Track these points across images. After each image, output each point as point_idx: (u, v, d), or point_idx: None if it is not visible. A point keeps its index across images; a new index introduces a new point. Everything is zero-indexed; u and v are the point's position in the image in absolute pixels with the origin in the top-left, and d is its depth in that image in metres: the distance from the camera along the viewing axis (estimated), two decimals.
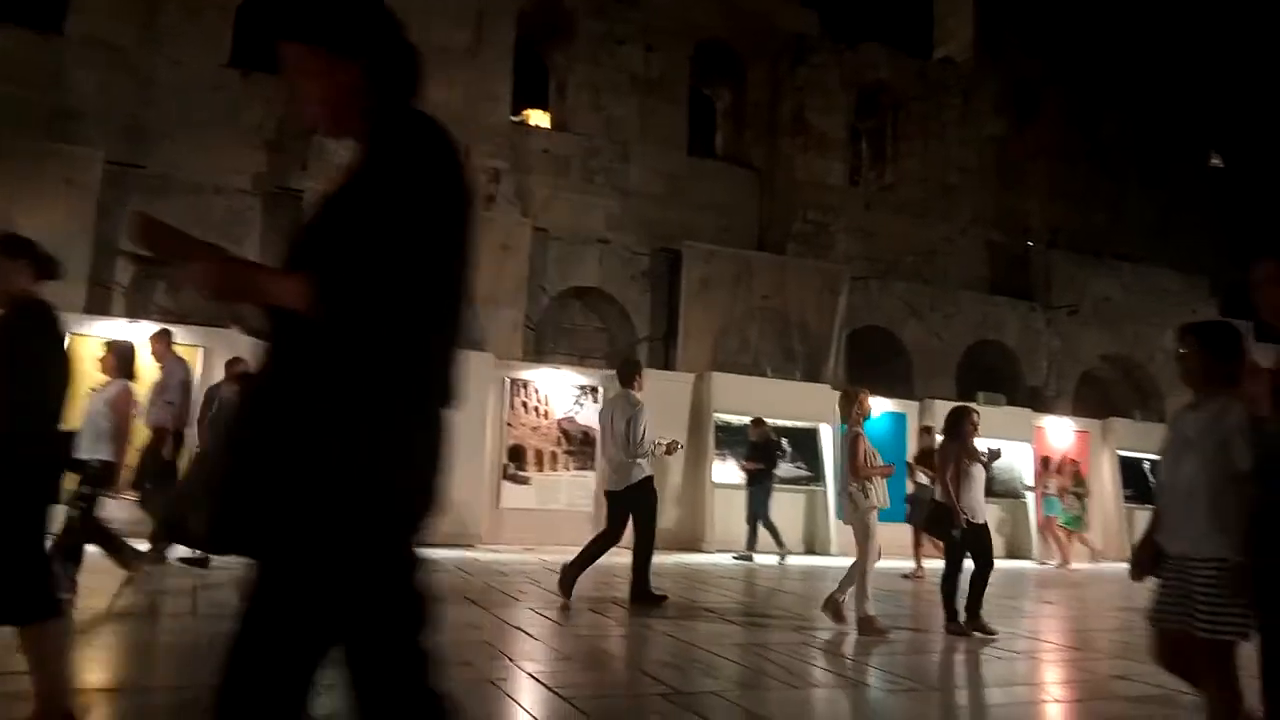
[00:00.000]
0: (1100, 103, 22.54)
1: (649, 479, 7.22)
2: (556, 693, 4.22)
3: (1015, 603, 9.04)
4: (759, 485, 11.76)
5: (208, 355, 10.66)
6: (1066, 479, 14.34)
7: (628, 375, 7.67)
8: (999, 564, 11.90)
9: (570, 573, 7.05)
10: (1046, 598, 9.67)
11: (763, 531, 11.80)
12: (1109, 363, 20.10)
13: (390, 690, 1.72)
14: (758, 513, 11.69)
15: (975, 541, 6.76)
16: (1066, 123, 22.22)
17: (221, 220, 14.01)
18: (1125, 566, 3.61)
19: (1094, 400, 19.56)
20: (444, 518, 7.37)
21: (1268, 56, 32.39)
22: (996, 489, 14.40)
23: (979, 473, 6.90)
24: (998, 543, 14.65)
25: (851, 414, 6.74)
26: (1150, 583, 3.26)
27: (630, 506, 7.19)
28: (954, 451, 6.85)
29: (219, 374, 10.42)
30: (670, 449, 7.63)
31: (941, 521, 6.92)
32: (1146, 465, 15.90)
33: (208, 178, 14.18)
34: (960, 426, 6.95)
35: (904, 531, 11.10)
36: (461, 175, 1.81)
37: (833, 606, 6.50)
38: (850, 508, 6.59)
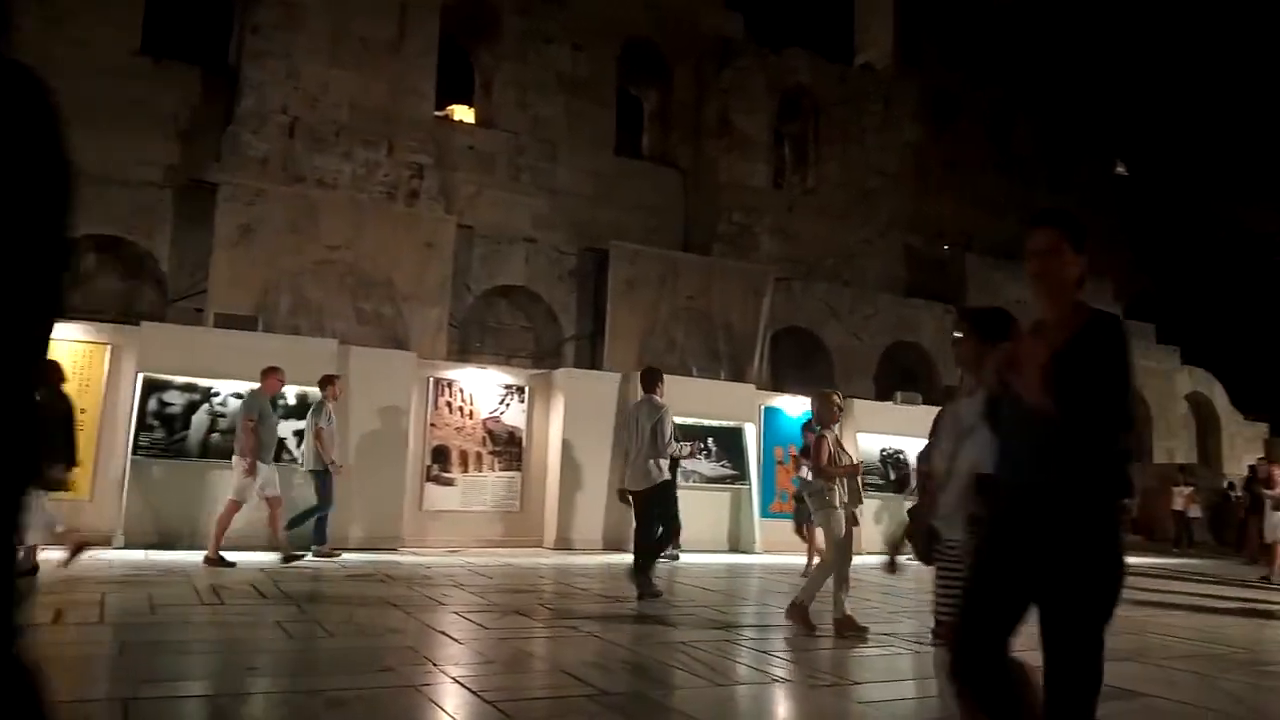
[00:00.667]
0: (1012, 113, 23.32)
1: (669, 481, 7.84)
2: (481, 696, 4.17)
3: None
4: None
5: (115, 353, 10.26)
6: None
7: (650, 382, 8.21)
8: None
9: (642, 568, 7.68)
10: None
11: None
12: None
13: None
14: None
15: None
16: (980, 131, 22.91)
17: (129, 214, 13.50)
18: None
19: None
20: (362, 521, 7.24)
21: (1170, 71, 33.85)
22: (916, 486, 14.77)
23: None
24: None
25: (832, 414, 6.68)
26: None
27: (650, 502, 7.71)
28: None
29: (128, 370, 10.07)
30: (693, 452, 9.32)
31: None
32: None
33: (115, 169, 13.64)
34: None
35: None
36: None
37: (798, 613, 6.33)
38: (814, 507, 6.56)
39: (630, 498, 7.83)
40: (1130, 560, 2.65)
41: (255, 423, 8.88)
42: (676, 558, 11.43)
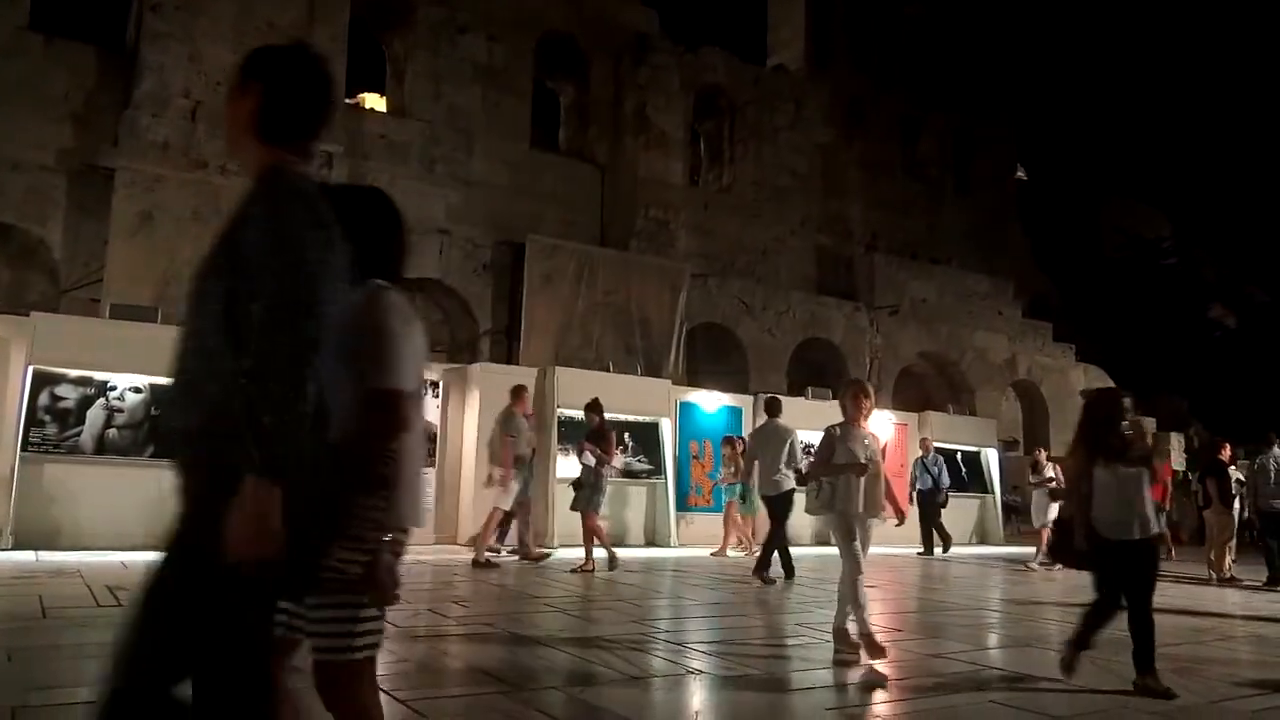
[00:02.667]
0: (919, 118, 23.98)
1: (791, 490, 9.48)
2: (394, 696, 4.10)
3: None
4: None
5: (3, 344, 9.75)
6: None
7: (774, 409, 10.24)
8: (832, 550, 12.44)
9: (763, 560, 9.37)
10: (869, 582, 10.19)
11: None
12: (925, 359, 21.42)
13: None
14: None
15: None
16: (888, 135, 23.51)
17: (20, 199, 12.82)
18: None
19: (912, 394, 20.82)
20: None
21: (1068, 81, 35.29)
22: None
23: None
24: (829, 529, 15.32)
25: (858, 409, 5.82)
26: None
27: (777, 506, 9.52)
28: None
29: (17, 363, 9.57)
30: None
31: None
32: (959, 456, 17.05)
33: (4, 153, 12.95)
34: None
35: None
36: None
37: (842, 637, 5.57)
38: (811, 509, 5.92)
39: (765, 501, 9.73)
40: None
41: (515, 438, 9.80)
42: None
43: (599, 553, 9.51)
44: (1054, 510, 12.21)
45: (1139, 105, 37.62)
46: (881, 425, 16.14)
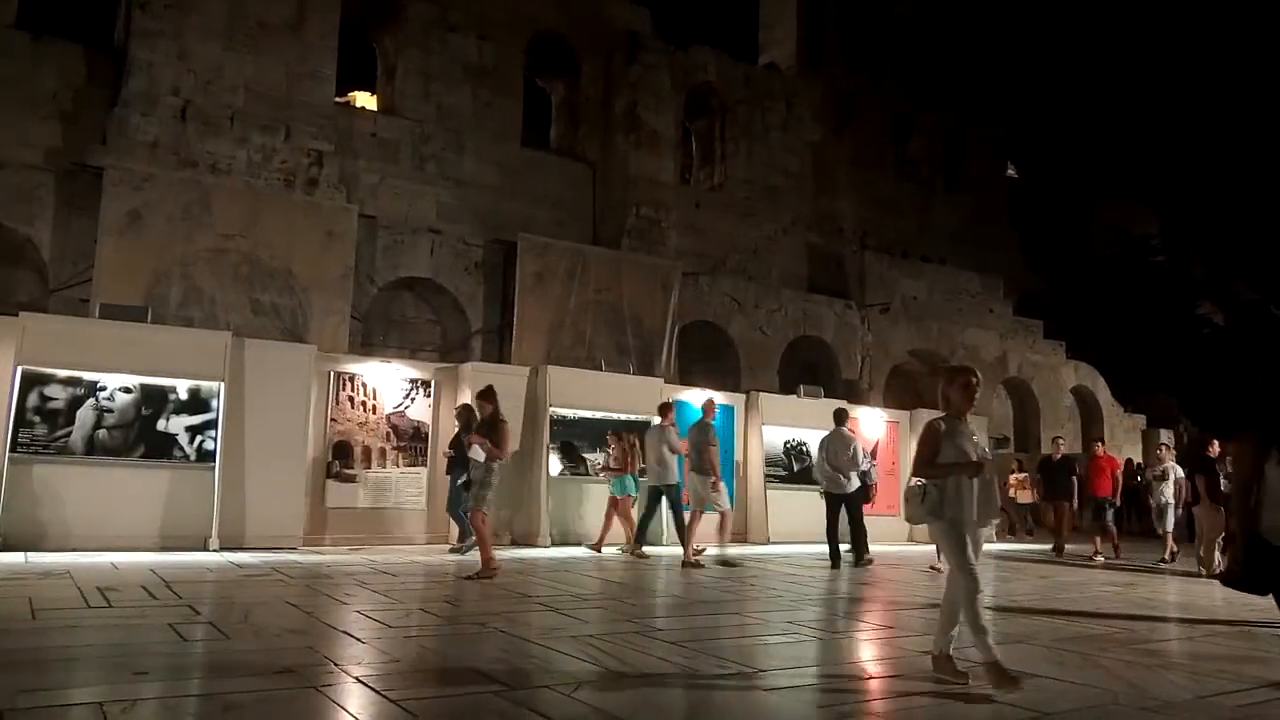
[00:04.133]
0: (910, 116, 24.04)
1: (860, 488, 11.29)
2: (385, 696, 4.10)
3: (834, 585, 9.51)
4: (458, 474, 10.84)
5: None
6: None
7: (842, 418, 11.52)
8: (824, 547, 12.49)
9: (860, 552, 11.02)
10: (860, 580, 10.22)
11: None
12: (916, 357, 21.48)
13: None
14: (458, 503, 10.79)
15: None
16: (879, 133, 23.56)
17: (9, 199, 12.75)
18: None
19: (903, 392, 20.87)
20: (259, 519, 7.05)
21: (1058, 79, 35.42)
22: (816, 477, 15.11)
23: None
24: (822, 527, 15.31)
25: (965, 398, 5.10)
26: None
27: (848, 502, 11.14)
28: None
29: (5, 363, 9.52)
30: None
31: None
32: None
33: None
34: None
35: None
36: None
37: (945, 665, 4.89)
38: (910, 516, 5.09)
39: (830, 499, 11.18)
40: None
41: (716, 446, 10.83)
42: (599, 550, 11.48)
43: (473, 555, 8.69)
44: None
45: (1128, 104, 37.79)
46: (873, 423, 16.19)
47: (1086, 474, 14.23)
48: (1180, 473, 13.34)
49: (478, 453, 8.62)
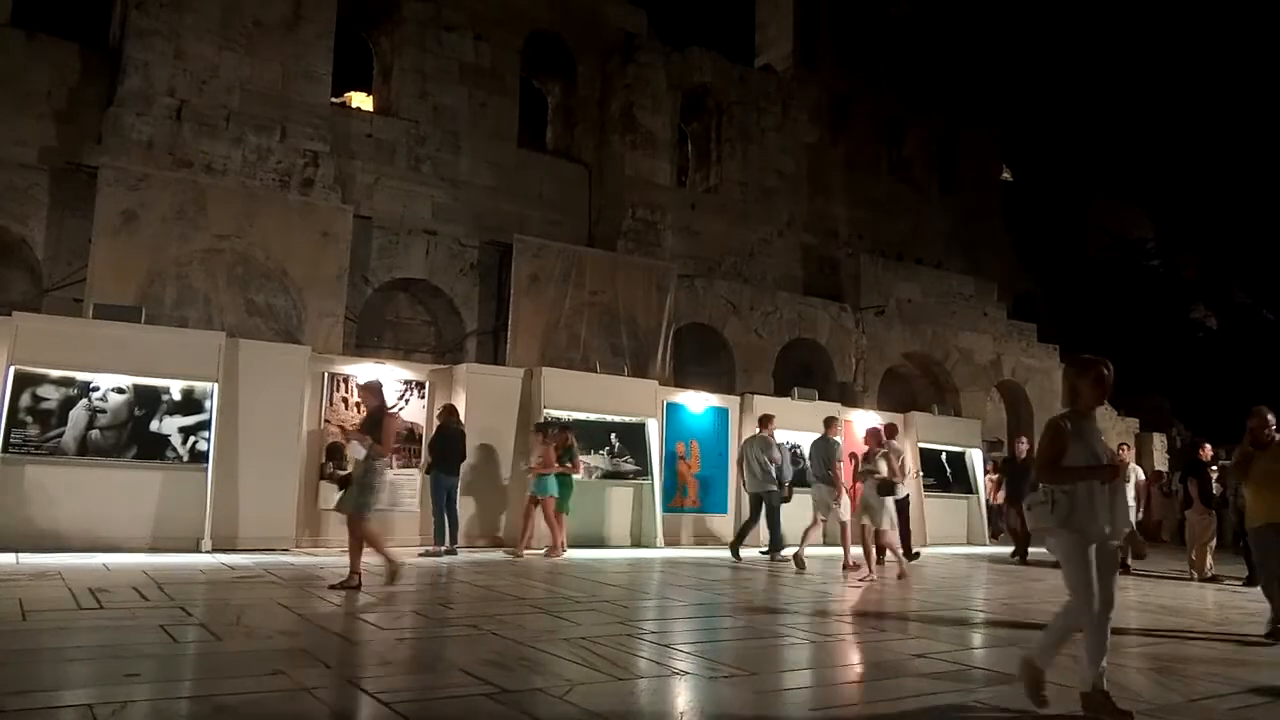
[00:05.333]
0: (905, 118, 24.08)
1: (907, 496, 12.36)
2: (377, 698, 4.10)
3: (826, 587, 9.52)
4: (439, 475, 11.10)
5: None
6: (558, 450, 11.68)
7: (893, 432, 12.55)
8: (819, 550, 12.47)
9: (908, 551, 11.84)
10: (852, 582, 10.23)
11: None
12: (910, 360, 21.50)
13: None
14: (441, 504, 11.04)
15: None
16: (874, 135, 23.59)
17: (3, 197, 12.71)
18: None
19: (897, 395, 20.89)
20: (252, 520, 7.04)
21: (1052, 81, 35.50)
22: (811, 479, 15.12)
23: None
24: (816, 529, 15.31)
25: (1096, 392, 4.48)
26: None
27: (766, 500, 12.00)
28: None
29: None
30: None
31: None
32: (944, 456, 17.13)
33: None
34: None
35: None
36: None
37: (1037, 680, 4.37)
38: (1034, 523, 4.58)
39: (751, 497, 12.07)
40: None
41: (840, 461, 11.52)
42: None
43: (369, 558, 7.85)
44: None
45: (1123, 106, 37.88)
46: (868, 425, 16.20)
47: None
48: (1141, 474, 12.93)
49: (357, 449, 8.01)
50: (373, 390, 8.31)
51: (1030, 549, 13.28)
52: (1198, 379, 25.75)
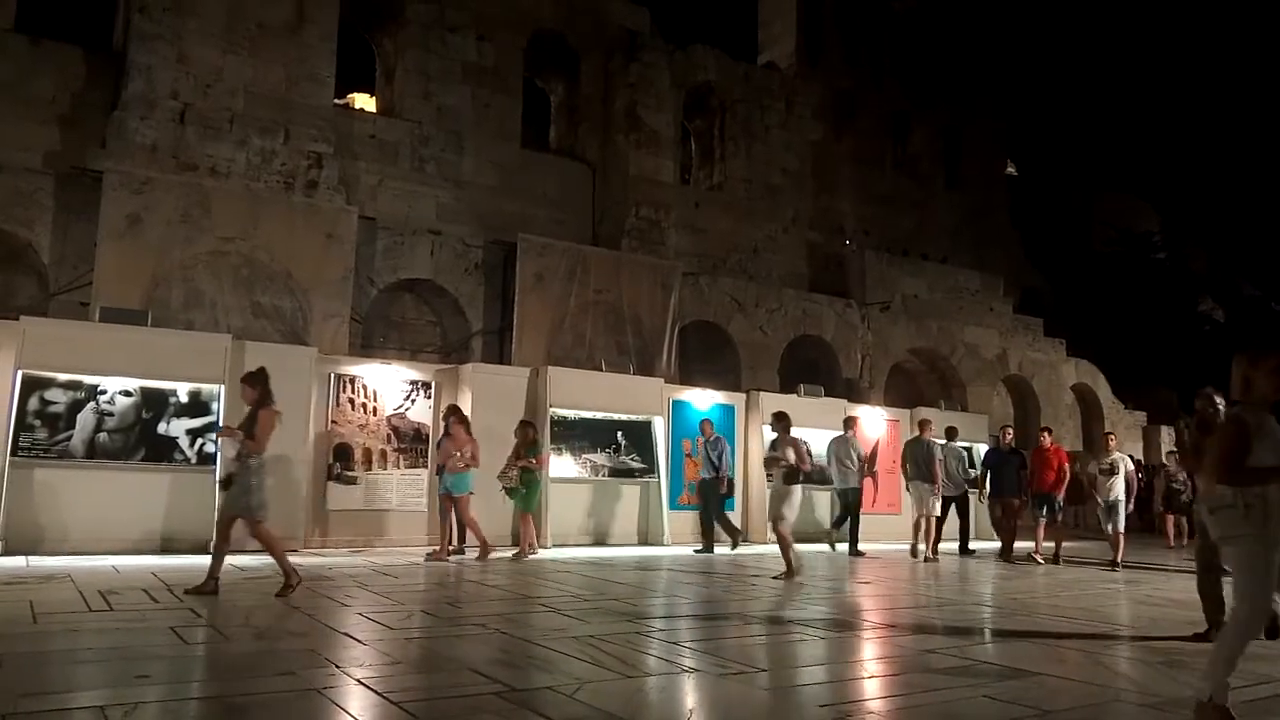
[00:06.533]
0: (909, 113, 24.02)
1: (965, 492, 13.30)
2: (387, 698, 4.10)
3: (835, 584, 9.50)
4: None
5: None
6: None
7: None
8: (826, 547, 12.46)
9: (1007, 550, 12.44)
10: (863, 578, 10.22)
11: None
12: (916, 355, 21.46)
13: None
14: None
15: None
16: (878, 130, 23.54)
17: (7, 202, 12.74)
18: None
19: (904, 390, 20.85)
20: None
21: (1056, 75, 35.38)
22: (817, 476, 15.10)
23: None
24: (824, 526, 15.29)
25: (1270, 386, 4.08)
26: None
27: (959, 504, 13.22)
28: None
29: (6, 367, 9.53)
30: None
31: None
32: (938, 450, 17.04)
33: None
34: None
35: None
36: None
37: (1215, 714, 3.88)
38: (1216, 531, 4.21)
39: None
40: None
41: (940, 460, 12.41)
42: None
43: (222, 563, 7.31)
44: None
45: (1128, 100, 37.76)
46: (874, 422, 16.19)
47: (1031, 467, 12.65)
48: (1130, 464, 12.00)
49: (228, 446, 7.37)
50: (251, 380, 7.51)
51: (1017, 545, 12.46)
52: (1206, 372, 25.63)
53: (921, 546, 12.27)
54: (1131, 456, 12.69)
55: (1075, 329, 24.45)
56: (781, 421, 9.87)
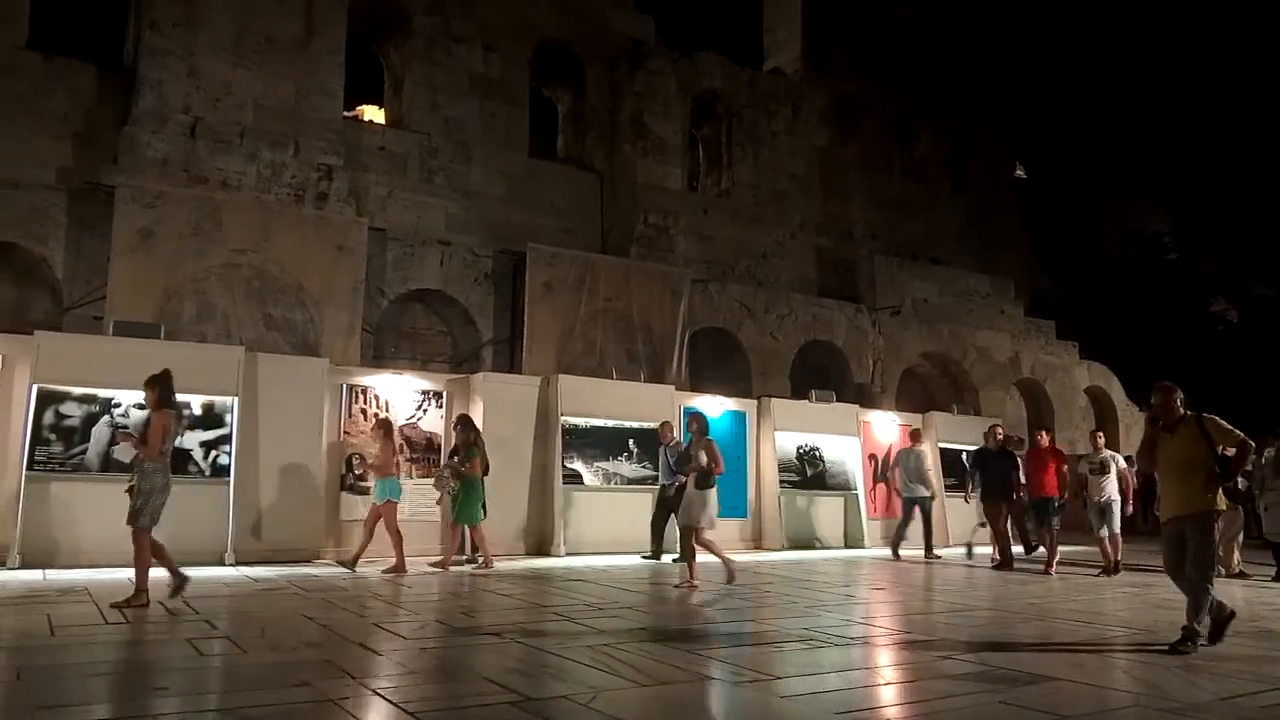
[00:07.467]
0: (916, 117, 24.01)
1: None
2: (403, 708, 4.11)
3: (849, 590, 9.48)
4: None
5: (7, 363, 9.79)
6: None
7: (990, 439, 12.75)
8: (836, 554, 12.43)
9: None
10: (878, 584, 10.19)
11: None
12: (928, 360, 21.40)
13: None
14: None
15: None
16: (885, 135, 23.53)
17: (21, 218, 12.85)
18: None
19: (915, 395, 20.80)
20: (274, 532, 7.07)
21: (1064, 77, 35.30)
22: (831, 482, 15.08)
23: None
24: (836, 532, 15.27)
25: None
26: None
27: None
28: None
29: (21, 382, 9.60)
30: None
31: None
32: (964, 455, 16.99)
33: (2, 170, 12.98)
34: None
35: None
36: None
37: None
38: None
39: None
40: None
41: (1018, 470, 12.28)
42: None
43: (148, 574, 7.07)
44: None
45: (1135, 101, 37.64)
46: (885, 427, 16.15)
47: (1027, 469, 12.05)
48: (1123, 463, 11.29)
49: (124, 451, 7.14)
50: (151, 383, 7.17)
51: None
52: (1219, 373, 25.50)
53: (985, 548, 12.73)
54: (1127, 456, 12.27)
55: (1087, 331, 24.35)
56: (698, 423, 9.47)
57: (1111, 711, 4.35)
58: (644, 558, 11.83)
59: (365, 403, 11.70)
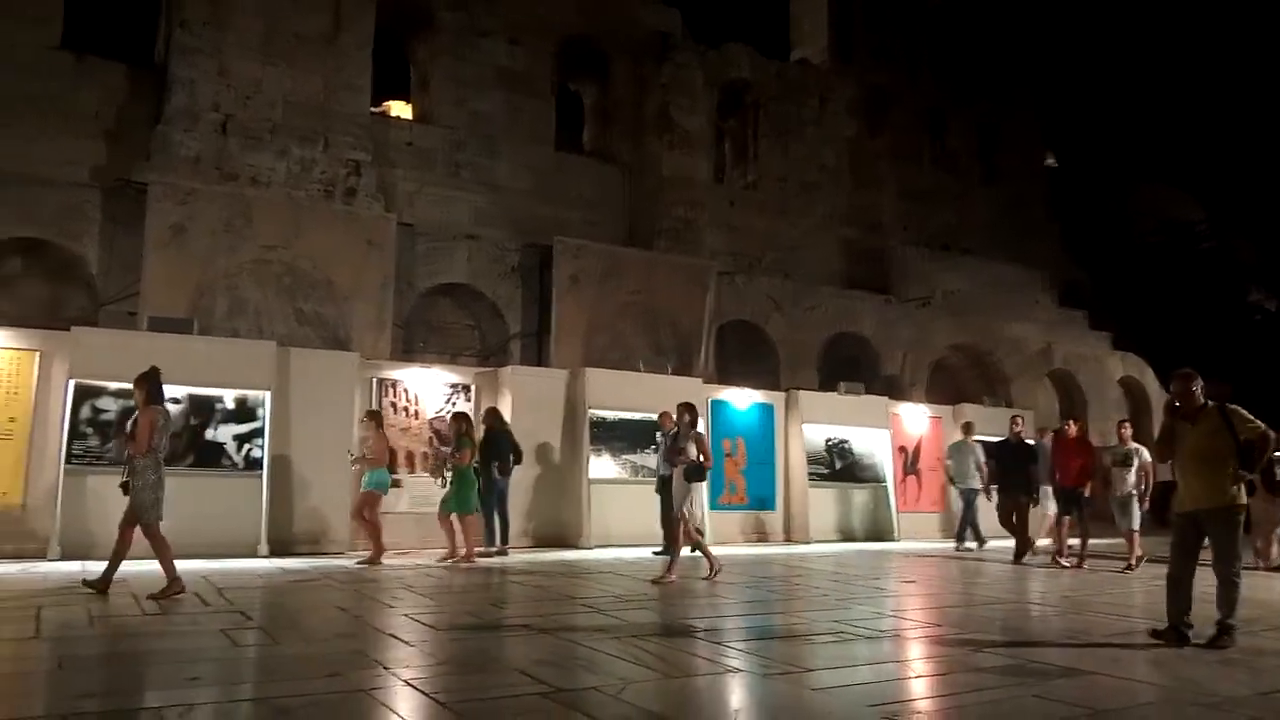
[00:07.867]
0: (945, 107, 23.75)
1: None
2: (434, 698, 4.14)
3: (879, 583, 9.42)
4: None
5: (45, 359, 9.95)
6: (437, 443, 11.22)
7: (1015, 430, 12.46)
8: (868, 546, 12.37)
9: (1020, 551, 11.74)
10: (908, 577, 10.12)
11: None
12: (958, 351, 21.20)
13: None
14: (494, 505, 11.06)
15: None
16: (914, 125, 23.29)
17: (56, 215, 13.05)
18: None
19: (945, 387, 20.60)
20: (306, 524, 7.15)
21: (1097, 65, 34.78)
22: (860, 474, 15.00)
23: None
24: (865, 525, 15.21)
25: None
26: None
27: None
28: None
29: (59, 377, 9.76)
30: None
31: None
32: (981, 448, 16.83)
33: (38, 169, 13.17)
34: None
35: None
36: None
37: None
38: None
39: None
40: None
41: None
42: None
43: (109, 569, 7.14)
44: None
45: (1166, 88, 37.00)
46: (916, 419, 16.03)
47: (1054, 459, 11.66)
48: (1146, 455, 10.83)
49: (117, 450, 7.29)
50: (139, 381, 7.26)
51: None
52: (1258, 363, 25.06)
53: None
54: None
55: (1120, 322, 24.01)
56: (688, 414, 9.15)
57: (1146, 705, 4.30)
58: (655, 554, 11.46)
59: (395, 396, 11.78)
